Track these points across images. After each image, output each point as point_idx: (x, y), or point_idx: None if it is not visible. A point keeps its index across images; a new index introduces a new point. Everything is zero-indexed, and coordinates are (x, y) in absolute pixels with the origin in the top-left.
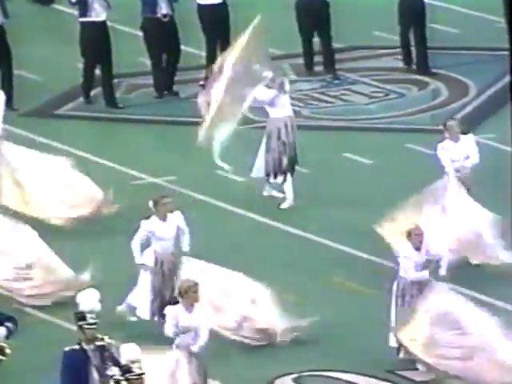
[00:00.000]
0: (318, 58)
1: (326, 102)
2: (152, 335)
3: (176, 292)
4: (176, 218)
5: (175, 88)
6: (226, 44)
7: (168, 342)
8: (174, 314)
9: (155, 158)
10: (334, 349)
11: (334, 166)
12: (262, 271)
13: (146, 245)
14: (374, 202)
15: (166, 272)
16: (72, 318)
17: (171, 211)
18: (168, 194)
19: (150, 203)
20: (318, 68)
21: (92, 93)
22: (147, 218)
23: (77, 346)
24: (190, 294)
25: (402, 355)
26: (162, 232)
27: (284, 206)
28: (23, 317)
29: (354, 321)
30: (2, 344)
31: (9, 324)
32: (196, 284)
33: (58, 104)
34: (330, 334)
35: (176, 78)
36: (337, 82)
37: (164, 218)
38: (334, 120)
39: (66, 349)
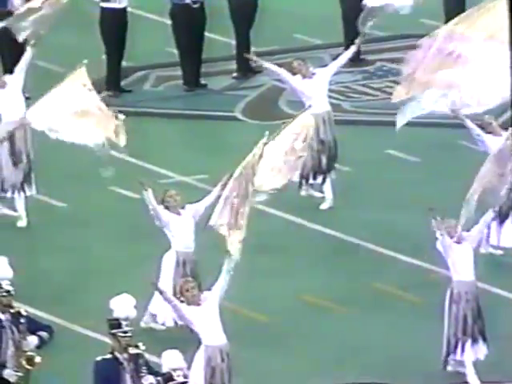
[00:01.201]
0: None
1: (369, 94)
2: (176, 340)
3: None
4: (189, 211)
5: (203, 80)
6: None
7: (192, 346)
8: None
9: (184, 155)
10: (373, 360)
11: (377, 164)
12: (298, 275)
13: (166, 248)
14: (420, 203)
15: (188, 273)
16: (68, 314)
17: (181, 206)
18: (172, 188)
19: (160, 205)
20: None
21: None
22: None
23: (109, 356)
24: (184, 294)
25: (450, 368)
26: (179, 226)
27: (324, 206)
28: None
29: (394, 330)
30: (32, 353)
31: (42, 333)
32: (187, 282)
33: None
34: (368, 344)
35: (204, 70)
36: (380, 73)
37: (177, 212)
38: (377, 114)
39: (98, 358)
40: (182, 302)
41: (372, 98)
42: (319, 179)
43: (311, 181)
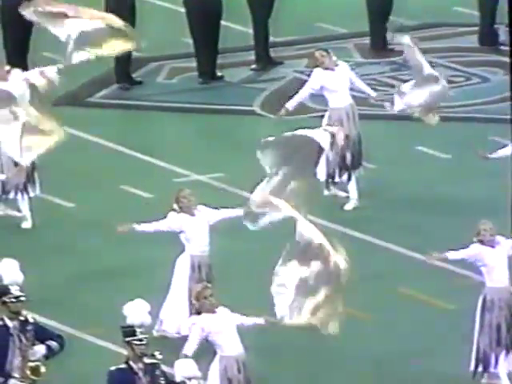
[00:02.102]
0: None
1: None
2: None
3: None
4: (204, 213)
5: (220, 72)
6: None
7: (206, 355)
8: (203, 325)
9: (200, 152)
10: (399, 371)
11: (406, 161)
12: None
13: (180, 251)
14: (451, 203)
15: (203, 278)
16: (76, 321)
17: (195, 206)
18: (187, 187)
19: (174, 205)
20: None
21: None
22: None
23: (124, 365)
24: (201, 300)
25: (484, 381)
26: (194, 228)
27: (348, 207)
28: None
29: (421, 338)
30: (37, 363)
31: (52, 343)
32: (206, 288)
33: (90, 90)
34: (392, 353)
35: (221, 61)
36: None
37: (191, 213)
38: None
39: (112, 368)
40: (197, 309)
41: None
42: (344, 177)
43: (337, 179)
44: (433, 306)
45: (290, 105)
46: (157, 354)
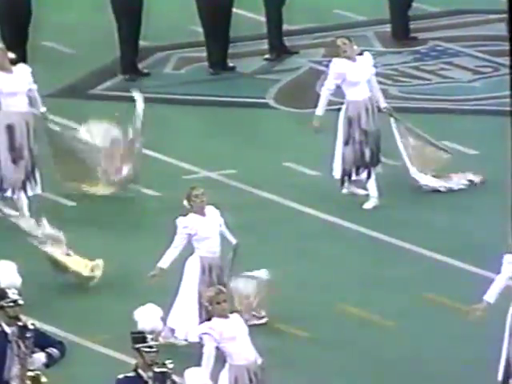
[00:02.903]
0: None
1: (421, 78)
2: (199, 357)
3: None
4: (213, 213)
5: (231, 62)
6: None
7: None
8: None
9: (210, 148)
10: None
11: None
12: (338, 283)
13: (189, 252)
14: (481, 203)
15: (214, 281)
16: (78, 327)
17: (205, 204)
18: (196, 184)
19: (185, 201)
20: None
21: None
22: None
23: (132, 373)
24: (214, 306)
25: None
26: (205, 229)
27: (368, 206)
28: None
29: (447, 348)
30: (37, 372)
31: (53, 350)
32: (220, 293)
33: (93, 82)
34: (417, 366)
35: (232, 51)
36: (434, 53)
37: (202, 213)
38: (429, 101)
39: (120, 376)
40: (208, 313)
41: (424, 83)
42: (363, 174)
43: (354, 177)
44: (460, 312)
45: (319, 111)
46: (168, 362)
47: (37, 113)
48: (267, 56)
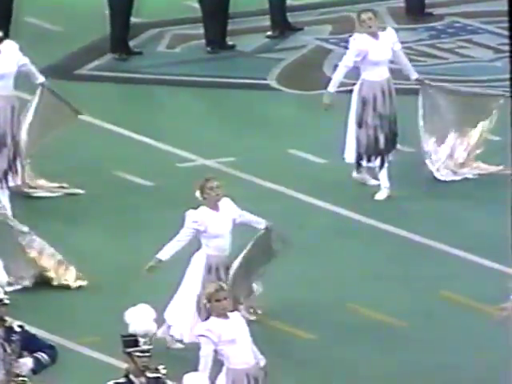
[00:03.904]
0: None
1: (437, 57)
2: (195, 360)
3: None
4: (228, 207)
5: (230, 40)
6: None
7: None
8: (216, 328)
9: (207, 133)
10: None
11: None
12: (349, 281)
13: (195, 247)
14: (502, 195)
15: (222, 280)
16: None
17: (220, 198)
18: (214, 175)
19: (197, 192)
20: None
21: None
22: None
23: (123, 379)
24: (212, 303)
25: None
26: (217, 226)
27: (380, 196)
28: None
29: (466, 349)
30: (24, 379)
31: (42, 355)
32: (220, 289)
33: (80, 61)
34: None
35: (232, 27)
36: (451, 30)
37: (215, 207)
38: (447, 82)
39: (109, 383)
40: (207, 311)
41: (441, 62)
42: (377, 162)
43: (365, 163)
44: (479, 311)
45: (332, 87)
46: (161, 368)
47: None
48: (269, 33)
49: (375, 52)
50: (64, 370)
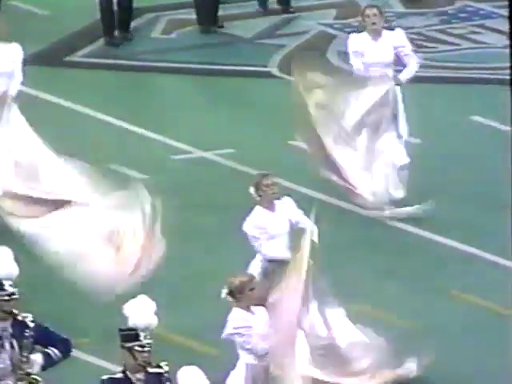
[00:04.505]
0: None
1: (448, 43)
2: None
3: (225, 292)
4: (285, 206)
5: (227, 25)
6: None
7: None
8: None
9: (205, 124)
10: None
11: (457, 135)
12: (354, 280)
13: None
14: None
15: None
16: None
17: (278, 196)
18: (269, 173)
19: (251, 189)
20: None
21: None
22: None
23: (120, 374)
24: (246, 293)
25: None
26: (275, 226)
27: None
28: None
29: (478, 350)
30: (36, 377)
31: (53, 350)
32: (252, 279)
33: (71, 47)
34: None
35: (227, 12)
36: (463, 15)
37: (271, 207)
38: (458, 69)
39: (104, 377)
40: (237, 301)
41: (452, 48)
42: None
43: None
44: (491, 310)
45: None
46: (163, 364)
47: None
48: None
49: (371, 53)
50: (51, 372)
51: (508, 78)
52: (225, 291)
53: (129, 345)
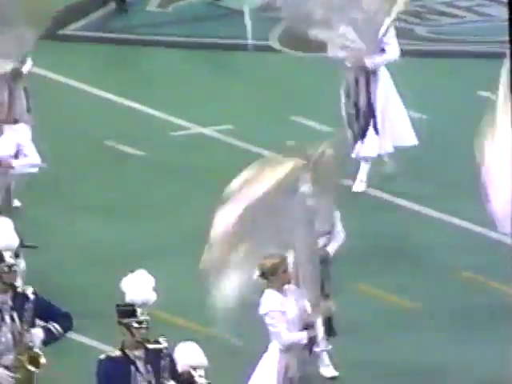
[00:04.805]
0: None
1: (453, 16)
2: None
3: (257, 273)
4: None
5: None
6: None
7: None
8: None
9: (204, 99)
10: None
11: (463, 111)
12: (356, 256)
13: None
14: None
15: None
16: None
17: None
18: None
19: (257, 273)
20: None
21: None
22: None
23: (118, 353)
24: (279, 274)
25: None
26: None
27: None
28: None
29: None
30: (37, 351)
31: (54, 325)
32: (285, 259)
33: (64, 21)
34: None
35: None
36: None
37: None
38: (463, 43)
39: (102, 357)
40: (270, 282)
41: (456, 21)
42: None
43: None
44: (498, 290)
45: None
46: (162, 339)
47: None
48: None
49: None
50: (46, 356)
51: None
52: (257, 273)
53: (126, 321)
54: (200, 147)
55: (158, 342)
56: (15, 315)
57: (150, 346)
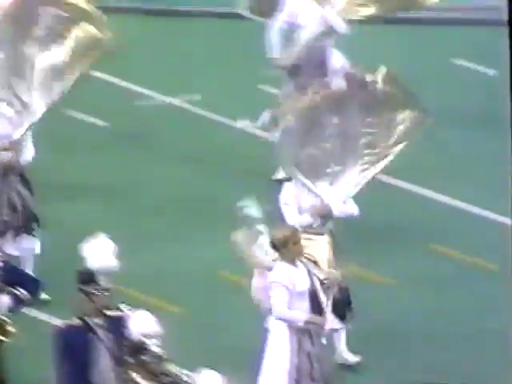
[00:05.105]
0: None
1: None
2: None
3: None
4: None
5: None
6: None
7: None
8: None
9: (170, 67)
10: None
11: (439, 79)
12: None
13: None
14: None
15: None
16: None
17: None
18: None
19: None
20: None
21: None
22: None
23: (77, 320)
24: (289, 247)
25: None
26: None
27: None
28: None
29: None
30: (4, 318)
31: (21, 291)
32: (295, 231)
33: None
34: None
35: None
36: None
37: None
38: (440, 10)
39: (59, 324)
40: (281, 254)
41: None
42: None
43: None
44: (472, 264)
45: None
46: (123, 306)
47: None
48: None
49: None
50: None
51: (494, 18)
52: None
53: (85, 287)
54: (165, 118)
55: (119, 310)
56: None
57: (111, 314)
